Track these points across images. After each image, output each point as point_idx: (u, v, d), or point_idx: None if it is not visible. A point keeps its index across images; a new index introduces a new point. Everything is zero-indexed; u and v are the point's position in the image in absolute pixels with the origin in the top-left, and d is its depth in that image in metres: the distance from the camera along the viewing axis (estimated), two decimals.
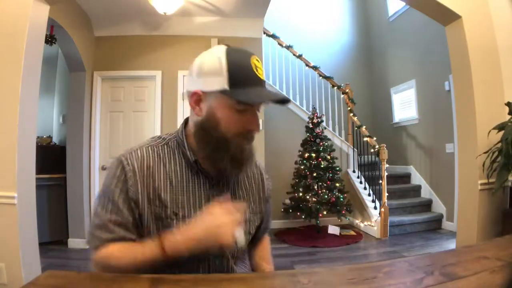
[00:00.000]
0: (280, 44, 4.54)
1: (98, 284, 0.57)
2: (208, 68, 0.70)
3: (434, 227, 4.02)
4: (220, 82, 0.68)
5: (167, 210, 0.71)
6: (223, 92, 0.68)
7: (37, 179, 2.10)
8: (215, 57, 0.70)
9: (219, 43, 3.68)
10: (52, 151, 3.56)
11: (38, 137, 3.41)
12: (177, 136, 0.79)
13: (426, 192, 4.41)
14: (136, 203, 0.70)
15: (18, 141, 1.87)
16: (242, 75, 0.68)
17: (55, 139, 3.93)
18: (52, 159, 3.45)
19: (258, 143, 3.66)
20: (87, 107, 3.47)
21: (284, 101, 0.70)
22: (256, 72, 0.70)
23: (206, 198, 0.75)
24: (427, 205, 4.28)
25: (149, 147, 0.76)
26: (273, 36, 4.44)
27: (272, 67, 4.62)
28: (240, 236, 0.66)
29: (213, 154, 0.72)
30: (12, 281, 1.80)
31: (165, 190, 0.72)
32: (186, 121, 0.80)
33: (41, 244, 2.12)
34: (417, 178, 4.62)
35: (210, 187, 0.76)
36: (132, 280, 0.59)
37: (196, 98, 0.72)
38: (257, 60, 0.71)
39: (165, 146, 0.77)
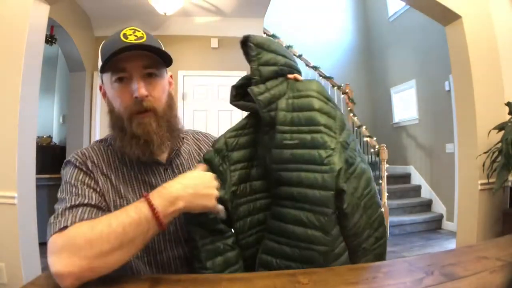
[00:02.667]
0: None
1: (98, 284, 0.57)
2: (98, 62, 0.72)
3: (434, 227, 4.01)
4: (99, 66, 0.70)
5: (130, 201, 0.67)
6: (100, 71, 0.70)
7: (37, 179, 2.10)
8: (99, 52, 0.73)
9: (219, 43, 3.68)
10: (52, 151, 3.56)
11: (38, 137, 3.41)
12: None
13: (426, 192, 4.41)
14: (102, 194, 0.67)
15: (18, 141, 1.87)
16: (109, 49, 0.66)
17: (55, 139, 3.93)
18: (52, 159, 3.45)
19: None
20: (87, 107, 3.47)
21: (151, 49, 0.67)
22: (125, 39, 0.66)
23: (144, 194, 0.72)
24: (427, 205, 4.28)
25: (94, 146, 0.76)
26: (273, 36, 4.43)
27: None
28: (221, 207, 0.64)
29: (120, 138, 0.70)
30: (12, 281, 1.80)
31: (120, 182, 0.70)
32: None
33: (41, 244, 2.12)
34: (417, 178, 4.61)
35: (164, 171, 0.75)
36: (132, 281, 0.59)
37: (102, 92, 0.75)
38: (130, 29, 0.69)
39: (109, 146, 0.76)
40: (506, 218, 2.23)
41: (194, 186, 0.61)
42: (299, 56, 4.59)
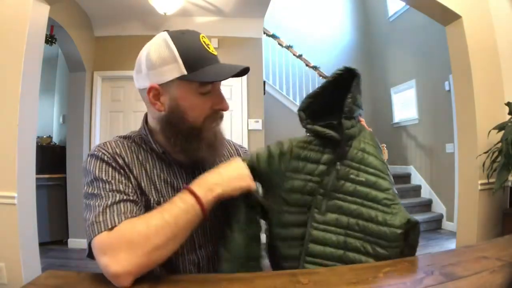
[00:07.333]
0: (280, 44, 4.54)
1: (98, 284, 0.57)
2: (158, 58, 0.66)
3: (434, 227, 4.02)
4: (176, 69, 0.65)
5: (150, 199, 0.68)
6: (182, 78, 0.65)
7: (37, 179, 2.10)
8: (161, 46, 0.67)
9: (219, 43, 3.68)
10: (52, 151, 3.56)
11: (38, 137, 3.41)
12: (140, 133, 0.77)
13: (426, 192, 4.41)
14: (134, 189, 0.67)
15: (18, 141, 1.87)
16: (196, 56, 0.66)
17: (55, 139, 3.93)
18: (52, 159, 3.45)
19: (258, 144, 3.66)
20: (87, 107, 3.47)
21: (244, 70, 0.69)
22: (209, 50, 0.68)
23: (185, 186, 0.74)
24: (427, 205, 4.28)
25: (118, 141, 0.73)
26: (273, 36, 4.44)
27: (272, 67, 4.62)
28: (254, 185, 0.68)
29: (188, 146, 0.69)
30: (12, 281, 1.80)
31: (143, 179, 0.69)
32: (146, 117, 0.78)
33: (41, 244, 2.12)
34: (417, 178, 4.61)
35: (186, 175, 0.74)
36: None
37: (154, 93, 0.68)
38: (204, 37, 0.70)
39: (133, 142, 0.74)
40: (506, 218, 2.23)
41: (228, 173, 0.65)
42: (299, 56, 4.59)
